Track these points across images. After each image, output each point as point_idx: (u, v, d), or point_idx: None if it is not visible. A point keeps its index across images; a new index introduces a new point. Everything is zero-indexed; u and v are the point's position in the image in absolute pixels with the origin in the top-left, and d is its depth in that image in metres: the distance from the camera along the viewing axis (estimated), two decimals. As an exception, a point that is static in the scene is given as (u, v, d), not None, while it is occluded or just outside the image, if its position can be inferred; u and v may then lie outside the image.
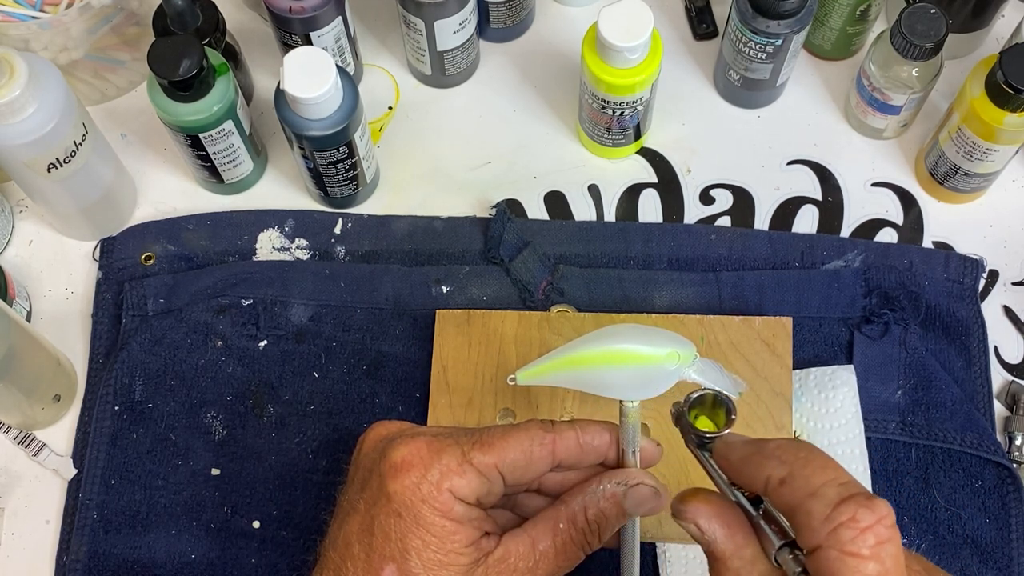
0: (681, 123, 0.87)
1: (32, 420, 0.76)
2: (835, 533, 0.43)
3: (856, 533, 0.43)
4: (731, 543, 0.48)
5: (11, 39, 0.76)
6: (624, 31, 0.73)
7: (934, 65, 0.78)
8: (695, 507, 0.49)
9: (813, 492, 0.44)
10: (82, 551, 0.73)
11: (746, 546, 0.48)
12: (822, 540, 0.43)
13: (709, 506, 0.49)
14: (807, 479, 0.45)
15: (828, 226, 0.83)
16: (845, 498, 0.44)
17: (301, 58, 0.71)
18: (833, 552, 0.43)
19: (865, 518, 0.43)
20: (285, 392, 0.77)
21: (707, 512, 0.49)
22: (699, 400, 0.54)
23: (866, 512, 0.43)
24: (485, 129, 0.87)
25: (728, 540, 0.48)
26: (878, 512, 0.43)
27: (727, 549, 0.48)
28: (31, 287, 0.82)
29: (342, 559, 0.56)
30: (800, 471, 0.46)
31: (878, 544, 0.43)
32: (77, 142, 0.73)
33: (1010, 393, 0.78)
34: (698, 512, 0.49)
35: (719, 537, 0.48)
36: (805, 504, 0.44)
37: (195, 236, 0.82)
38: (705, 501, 0.49)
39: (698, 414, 0.54)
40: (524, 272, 0.79)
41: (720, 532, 0.48)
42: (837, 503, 0.44)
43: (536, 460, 0.57)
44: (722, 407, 0.53)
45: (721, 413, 0.54)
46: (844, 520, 0.43)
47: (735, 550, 0.48)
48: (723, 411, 0.53)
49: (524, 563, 0.56)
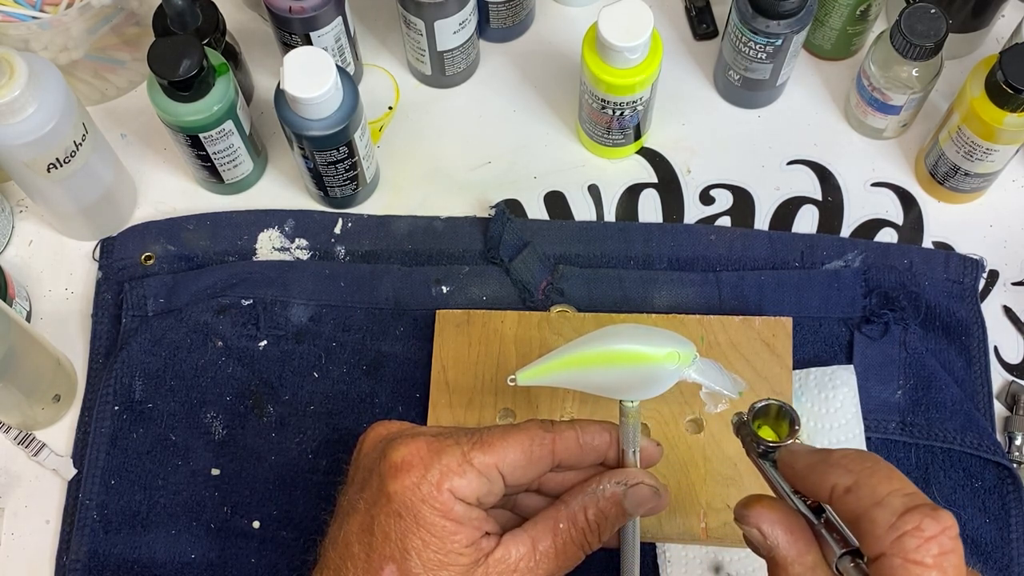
0: (681, 123, 0.87)
1: (32, 420, 0.76)
2: (900, 541, 0.44)
3: (921, 542, 0.44)
4: (793, 549, 0.49)
5: (11, 39, 0.76)
6: (624, 31, 0.73)
7: (934, 65, 0.78)
8: (759, 512, 0.50)
9: (879, 501, 0.45)
10: (82, 551, 0.73)
11: (808, 553, 0.49)
12: (886, 548, 0.44)
13: (772, 512, 0.50)
14: (873, 488, 0.46)
15: (828, 226, 0.83)
16: (911, 508, 0.44)
17: (301, 58, 0.71)
18: (897, 560, 0.44)
19: (930, 528, 0.44)
20: (285, 392, 0.77)
21: (770, 518, 0.50)
22: (763, 410, 0.55)
23: (931, 522, 0.44)
24: (485, 129, 0.87)
25: (790, 546, 0.49)
26: (943, 523, 0.44)
27: (789, 555, 0.49)
28: (31, 287, 0.82)
29: (342, 559, 0.56)
30: (866, 480, 0.46)
31: (941, 554, 0.44)
32: (77, 142, 0.73)
33: (1010, 393, 0.78)
34: (761, 517, 0.50)
35: (781, 543, 0.49)
36: (870, 512, 0.45)
37: (195, 236, 0.82)
38: (769, 507, 0.50)
39: (761, 424, 0.55)
40: (524, 272, 0.79)
41: (783, 538, 0.49)
42: (903, 512, 0.44)
43: (536, 460, 0.57)
44: (786, 418, 0.55)
45: (784, 424, 0.55)
46: (909, 529, 0.44)
47: (797, 556, 0.49)
48: (787, 422, 0.55)
49: (524, 563, 0.56)
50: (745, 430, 0.55)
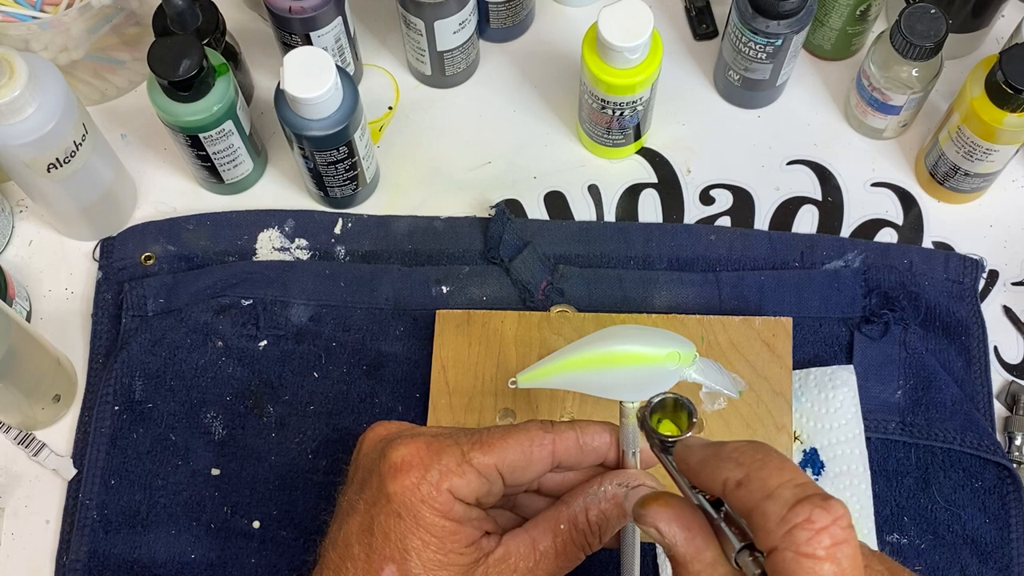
0: (681, 123, 0.86)
1: (32, 420, 0.76)
2: (790, 534, 0.43)
3: (811, 534, 0.43)
4: (691, 546, 0.48)
5: (11, 39, 0.76)
6: (624, 31, 0.73)
7: (934, 65, 0.78)
8: (655, 511, 0.49)
9: (769, 494, 0.44)
10: (82, 551, 0.73)
11: (707, 549, 0.48)
12: (778, 541, 0.43)
13: (669, 509, 0.49)
14: (763, 481, 0.45)
15: (828, 226, 0.83)
16: (801, 499, 0.43)
17: (301, 58, 0.71)
18: (789, 553, 0.43)
19: (820, 519, 0.43)
20: (285, 392, 0.77)
21: (667, 516, 0.49)
22: (660, 404, 0.53)
23: (821, 513, 0.43)
24: (485, 129, 0.87)
25: (688, 543, 0.48)
26: (834, 513, 0.43)
27: (687, 552, 0.48)
28: (31, 287, 0.82)
29: (342, 559, 0.56)
30: (757, 473, 0.45)
31: (834, 545, 0.43)
32: (77, 142, 0.73)
33: (1010, 393, 0.78)
34: (658, 516, 0.49)
35: (679, 540, 0.48)
36: (761, 506, 0.44)
37: (195, 236, 0.82)
38: (665, 505, 0.49)
39: (660, 418, 0.53)
40: (524, 272, 0.79)
41: (680, 535, 0.48)
42: (793, 504, 0.43)
43: (536, 461, 0.57)
44: (684, 410, 0.53)
45: (683, 416, 0.53)
46: (799, 521, 0.43)
47: (695, 553, 0.48)
48: (685, 414, 0.53)
49: (524, 563, 0.56)
50: (646, 425, 0.53)
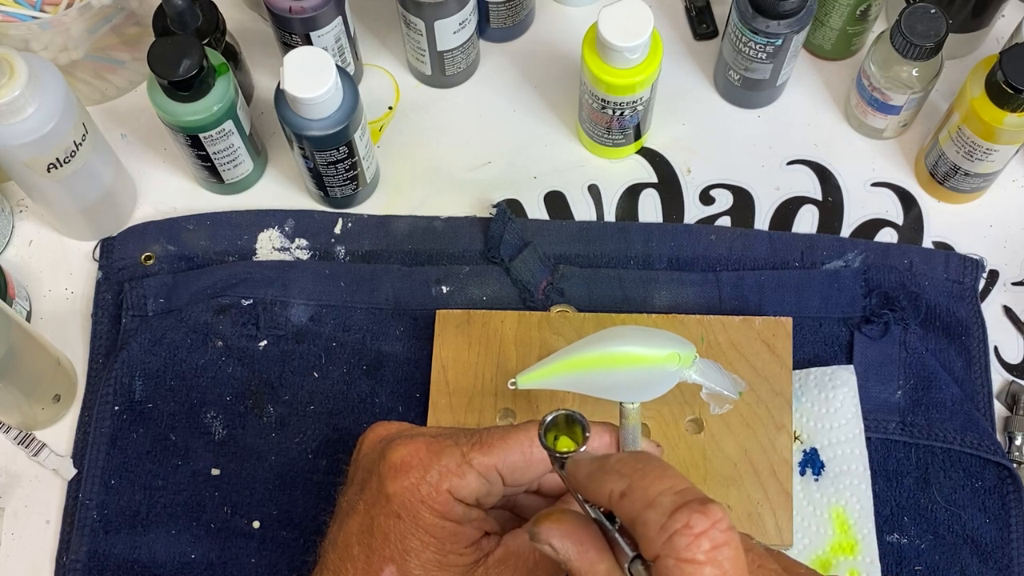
0: (681, 123, 0.86)
1: (32, 420, 0.76)
2: (671, 541, 0.43)
3: (691, 539, 0.43)
4: (584, 560, 0.48)
5: (11, 39, 0.76)
6: (624, 31, 0.73)
7: (934, 65, 0.78)
8: (547, 528, 0.49)
9: (650, 502, 0.44)
10: (82, 551, 0.73)
11: (600, 561, 0.48)
12: (660, 549, 0.43)
13: (561, 525, 0.49)
14: (644, 490, 0.45)
15: (828, 226, 0.83)
16: (680, 505, 0.44)
17: (301, 58, 0.71)
18: (671, 560, 0.43)
19: (699, 523, 0.43)
20: (285, 392, 0.77)
21: (559, 531, 0.49)
22: (554, 422, 0.52)
23: (699, 517, 0.43)
24: (485, 129, 0.87)
25: (581, 557, 0.48)
26: (712, 516, 0.43)
27: (581, 566, 0.48)
28: (31, 287, 0.82)
29: (341, 560, 0.56)
30: (638, 482, 0.45)
31: (713, 548, 0.43)
32: (77, 142, 0.73)
33: (1010, 393, 0.78)
34: (551, 532, 0.49)
35: (572, 555, 0.48)
36: (643, 515, 0.44)
37: (195, 236, 0.82)
38: (557, 521, 0.49)
39: (557, 435, 0.53)
40: (524, 272, 0.79)
41: (573, 550, 0.48)
42: (672, 511, 0.43)
43: (536, 461, 0.57)
44: (577, 425, 0.52)
45: (578, 431, 0.52)
46: (679, 528, 0.43)
47: (588, 566, 0.48)
48: (579, 429, 0.52)
49: (524, 564, 0.56)
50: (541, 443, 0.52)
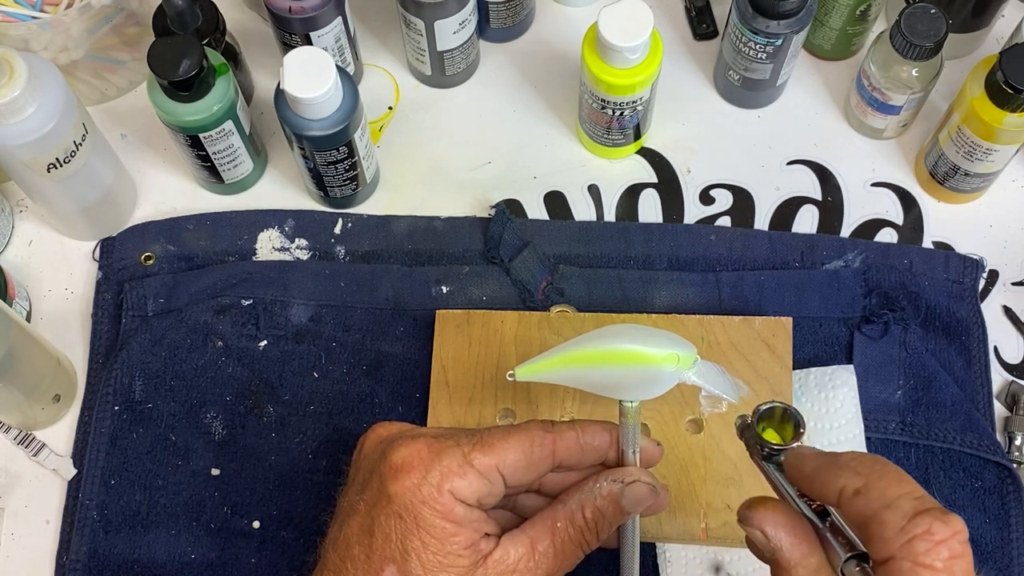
0: (681, 123, 0.86)
1: (32, 420, 0.76)
2: (910, 544, 0.44)
3: (931, 546, 0.44)
4: (797, 551, 0.49)
5: (11, 39, 0.76)
6: (624, 31, 0.73)
7: (934, 65, 0.78)
8: (762, 514, 0.50)
9: (889, 504, 0.45)
10: (82, 551, 0.73)
11: (812, 555, 0.49)
12: (896, 551, 0.44)
13: (777, 514, 0.50)
14: (883, 491, 0.46)
15: (828, 226, 0.83)
16: (921, 511, 0.44)
17: (301, 58, 0.71)
18: (906, 563, 0.44)
19: (940, 531, 0.44)
20: (285, 392, 0.77)
21: (774, 520, 0.49)
22: (768, 413, 0.55)
23: (941, 526, 0.44)
24: (485, 129, 0.87)
25: (794, 548, 0.49)
26: (953, 527, 0.44)
27: (792, 557, 0.49)
28: (31, 287, 0.82)
29: (342, 560, 0.56)
30: (876, 483, 0.46)
31: (951, 558, 0.44)
32: (77, 142, 0.73)
33: (1010, 393, 0.78)
34: (765, 519, 0.50)
35: (785, 545, 0.49)
36: (880, 515, 0.45)
37: (195, 236, 0.82)
38: (773, 509, 0.50)
39: (765, 427, 0.55)
40: (524, 272, 0.79)
41: (787, 540, 0.49)
42: (913, 515, 0.44)
43: (536, 461, 0.57)
44: (791, 420, 0.54)
45: (789, 427, 0.54)
46: (919, 532, 0.44)
47: (801, 558, 0.49)
48: (791, 424, 0.54)
49: (524, 563, 0.56)
50: (749, 433, 0.55)
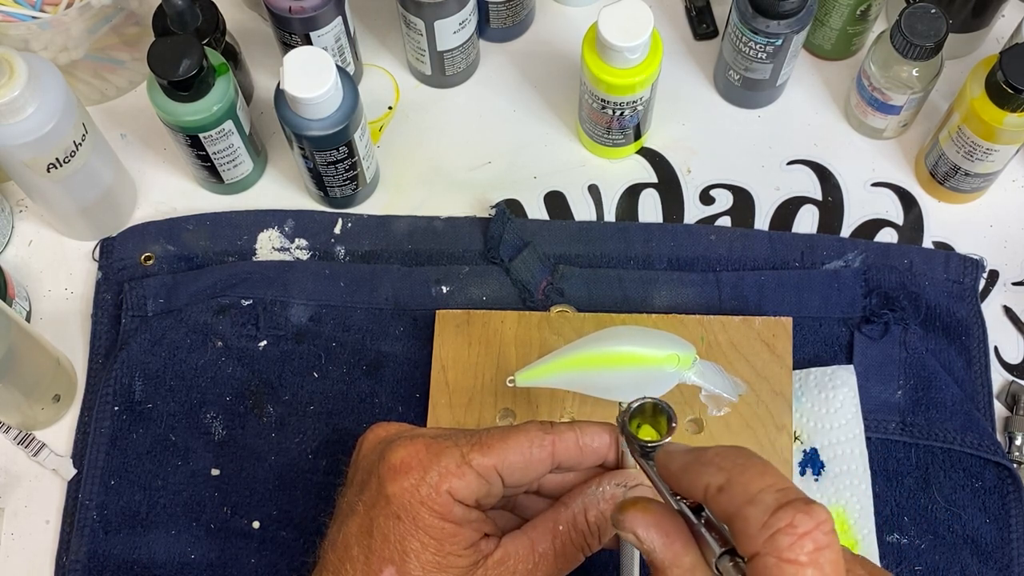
0: (681, 123, 0.86)
1: (32, 420, 0.76)
2: (773, 539, 0.43)
3: (794, 539, 0.42)
4: (669, 552, 0.48)
5: (11, 39, 0.76)
6: (624, 31, 0.73)
7: (934, 65, 0.78)
8: (632, 516, 0.49)
9: (751, 498, 0.44)
10: (82, 551, 0.73)
11: (685, 554, 0.47)
12: (760, 547, 0.43)
13: (647, 515, 0.49)
14: (745, 486, 0.44)
15: (828, 226, 0.83)
16: (783, 504, 0.43)
17: (301, 58, 0.71)
18: (771, 559, 0.42)
19: (803, 524, 0.42)
20: (285, 392, 0.77)
21: (645, 521, 0.48)
22: (640, 409, 0.52)
23: (804, 518, 0.43)
24: (485, 129, 0.87)
25: (666, 549, 0.48)
26: (816, 518, 0.43)
27: (665, 558, 0.48)
28: (31, 287, 0.82)
29: (341, 561, 0.56)
30: (738, 477, 0.45)
31: (816, 550, 0.42)
32: (77, 142, 0.73)
33: (1010, 393, 0.78)
34: (636, 521, 0.49)
35: (657, 546, 0.48)
36: (743, 511, 0.44)
37: (195, 236, 0.82)
38: (643, 510, 0.49)
39: (640, 423, 0.53)
40: (524, 272, 0.79)
41: (658, 541, 0.48)
42: (775, 509, 0.43)
43: (535, 462, 0.57)
44: (663, 415, 0.52)
45: (663, 421, 0.52)
46: (782, 526, 0.43)
47: (673, 558, 0.48)
48: (665, 419, 0.52)
49: (523, 565, 0.56)
50: (625, 431, 0.52)
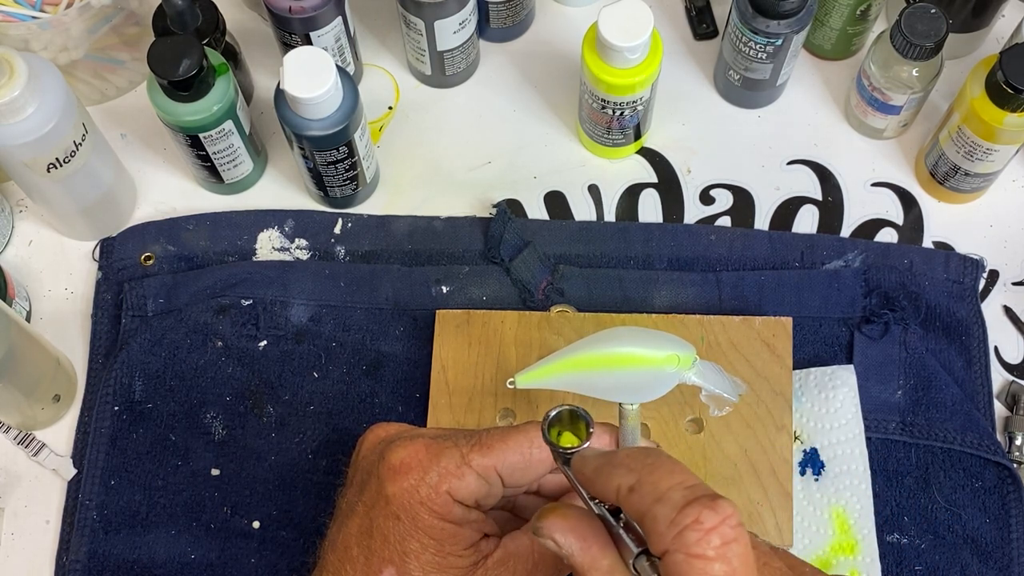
0: (681, 123, 0.86)
1: (32, 420, 0.76)
2: (680, 536, 0.43)
3: (701, 535, 0.43)
4: (587, 556, 0.48)
5: (11, 39, 0.76)
6: (624, 31, 0.73)
7: (934, 65, 0.78)
8: (550, 522, 0.49)
9: (659, 497, 0.44)
10: (82, 551, 0.73)
11: (603, 557, 0.48)
12: (669, 544, 0.43)
13: (564, 521, 0.49)
14: (654, 485, 0.45)
15: (828, 226, 0.83)
16: (690, 500, 0.43)
17: (301, 58, 0.71)
18: (680, 555, 0.43)
19: (709, 519, 0.43)
20: (285, 392, 0.77)
21: (562, 526, 0.49)
22: (557, 417, 0.52)
23: (710, 513, 0.43)
24: (485, 129, 0.87)
25: (584, 553, 0.48)
26: (722, 512, 0.43)
27: (584, 562, 0.48)
28: (31, 287, 0.82)
29: (341, 562, 0.56)
30: (647, 477, 0.45)
31: (723, 544, 0.43)
32: (77, 142, 0.73)
33: (1010, 393, 0.78)
34: (554, 527, 0.49)
35: (575, 551, 0.48)
36: (652, 510, 0.44)
37: (195, 236, 0.82)
38: (561, 516, 0.49)
39: (560, 431, 0.53)
40: (524, 272, 0.79)
41: (576, 545, 0.48)
42: (682, 506, 0.43)
43: (535, 462, 0.57)
44: (581, 421, 0.52)
45: (582, 427, 0.52)
46: (688, 523, 0.43)
47: (592, 562, 0.48)
48: (583, 425, 0.52)
49: (523, 565, 0.56)
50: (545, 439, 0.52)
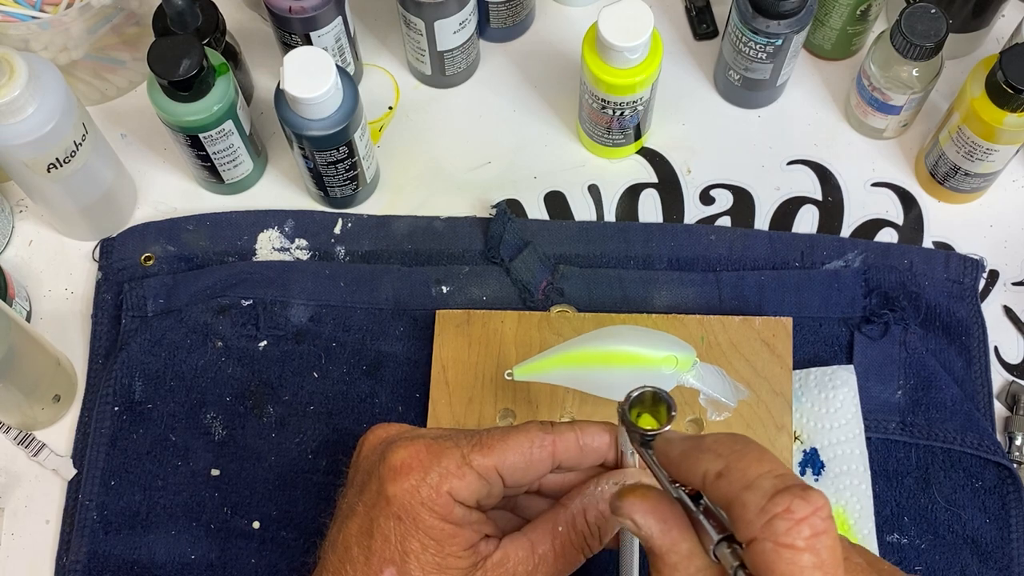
0: (681, 123, 0.86)
1: (32, 420, 0.76)
2: (770, 525, 0.43)
3: (791, 524, 0.42)
4: (667, 538, 0.48)
5: (11, 39, 0.76)
6: (624, 31, 0.73)
7: (934, 65, 0.78)
8: (631, 503, 0.49)
9: (749, 484, 0.44)
10: (82, 551, 0.73)
11: (682, 541, 0.48)
12: (757, 532, 0.43)
13: (645, 502, 0.49)
14: (743, 471, 0.45)
15: (828, 226, 0.83)
16: (780, 489, 0.43)
17: (301, 58, 0.71)
18: (768, 544, 0.42)
19: (800, 509, 0.43)
20: (285, 392, 0.77)
21: (642, 508, 0.49)
22: (639, 398, 0.53)
23: (801, 503, 0.43)
24: (485, 129, 0.87)
25: (664, 535, 0.48)
26: (813, 503, 0.43)
27: (663, 544, 0.48)
28: (31, 287, 0.82)
29: (341, 562, 0.56)
30: (736, 464, 0.45)
31: (813, 536, 0.42)
32: (77, 142, 0.73)
33: (1010, 393, 0.78)
34: (633, 508, 0.49)
35: (655, 533, 0.48)
36: (741, 496, 0.44)
37: (195, 236, 0.82)
38: (641, 497, 0.49)
39: (640, 412, 0.53)
40: (524, 272, 0.79)
41: (656, 528, 0.48)
42: (772, 495, 0.43)
43: (536, 462, 0.57)
44: (663, 404, 0.53)
45: (663, 410, 0.53)
46: (779, 511, 0.43)
47: (671, 545, 0.48)
48: (664, 407, 0.53)
49: (523, 567, 0.56)
50: (625, 420, 0.53)
